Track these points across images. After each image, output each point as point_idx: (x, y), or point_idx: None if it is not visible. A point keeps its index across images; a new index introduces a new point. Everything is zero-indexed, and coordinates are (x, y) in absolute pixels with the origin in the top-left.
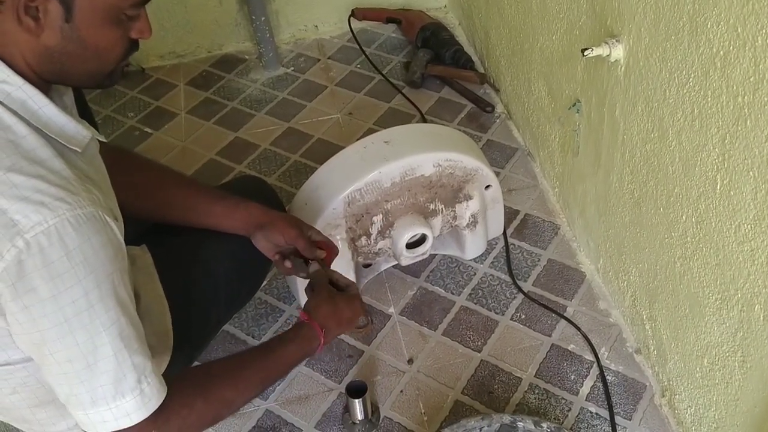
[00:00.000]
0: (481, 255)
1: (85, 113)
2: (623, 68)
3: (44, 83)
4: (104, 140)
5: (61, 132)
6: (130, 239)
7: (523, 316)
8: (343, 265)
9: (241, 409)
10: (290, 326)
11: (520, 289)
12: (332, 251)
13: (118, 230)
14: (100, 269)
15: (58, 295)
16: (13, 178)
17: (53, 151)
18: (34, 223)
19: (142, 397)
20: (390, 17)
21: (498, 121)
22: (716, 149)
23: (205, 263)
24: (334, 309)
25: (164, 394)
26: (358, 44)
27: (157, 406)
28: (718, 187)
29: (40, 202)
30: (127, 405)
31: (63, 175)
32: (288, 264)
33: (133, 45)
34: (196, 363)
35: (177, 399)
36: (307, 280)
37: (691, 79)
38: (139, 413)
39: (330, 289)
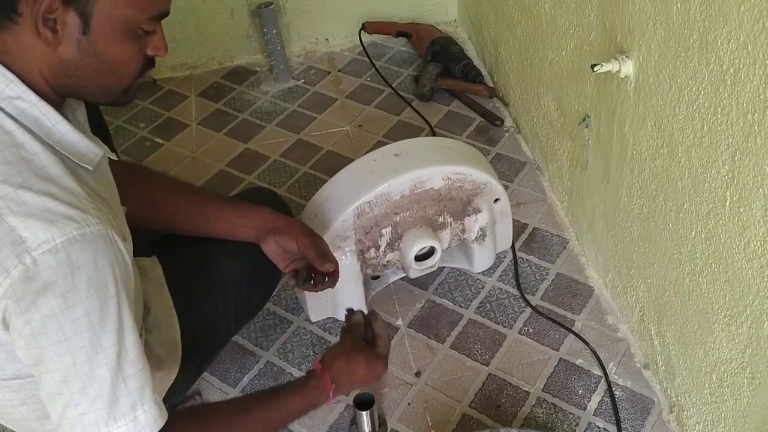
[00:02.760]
0: (490, 268)
1: (99, 127)
2: (633, 84)
3: (59, 98)
4: (116, 158)
5: (73, 149)
6: (141, 250)
7: (531, 330)
8: (351, 278)
9: None
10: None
11: (528, 303)
12: (337, 268)
13: (126, 250)
14: (104, 290)
15: (60, 313)
16: (23, 195)
17: (64, 169)
18: (42, 240)
19: (136, 424)
20: (400, 31)
21: (507, 135)
22: (726, 165)
23: (214, 274)
24: (351, 365)
25: (162, 423)
26: (369, 57)
27: None
28: (728, 204)
29: (49, 219)
30: (119, 431)
31: (73, 193)
32: (292, 282)
33: (149, 62)
34: (202, 373)
35: None
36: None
37: (701, 96)
38: None
39: (355, 341)
